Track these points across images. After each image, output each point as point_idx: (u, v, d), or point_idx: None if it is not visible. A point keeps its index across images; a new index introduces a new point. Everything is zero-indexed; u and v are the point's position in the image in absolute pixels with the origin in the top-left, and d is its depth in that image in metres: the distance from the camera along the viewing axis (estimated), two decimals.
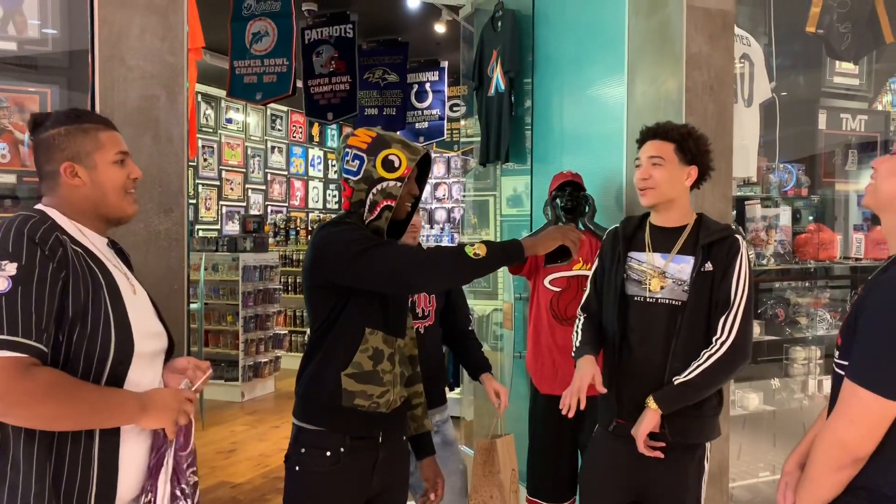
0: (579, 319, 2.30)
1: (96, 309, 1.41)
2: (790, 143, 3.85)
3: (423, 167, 2.00)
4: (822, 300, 3.77)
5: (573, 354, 2.22)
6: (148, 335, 1.54)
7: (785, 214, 3.50)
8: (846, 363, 1.47)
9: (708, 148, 2.18)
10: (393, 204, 1.84)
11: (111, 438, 1.44)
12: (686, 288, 2.07)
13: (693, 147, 2.12)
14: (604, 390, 2.08)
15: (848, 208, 4.00)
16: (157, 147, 2.27)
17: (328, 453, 1.81)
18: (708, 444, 2.14)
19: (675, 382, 2.01)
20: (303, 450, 1.84)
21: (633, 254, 2.20)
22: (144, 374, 1.52)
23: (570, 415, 2.04)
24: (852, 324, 1.47)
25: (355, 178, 1.84)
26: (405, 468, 2.03)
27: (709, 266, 2.06)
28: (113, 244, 1.64)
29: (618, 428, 2.15)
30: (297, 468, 1.84)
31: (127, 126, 2.24)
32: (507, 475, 2.29)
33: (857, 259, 3.64)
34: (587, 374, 2.07)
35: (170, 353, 1.65)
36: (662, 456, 2.01)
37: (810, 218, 3.87)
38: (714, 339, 2.03)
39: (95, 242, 1.53)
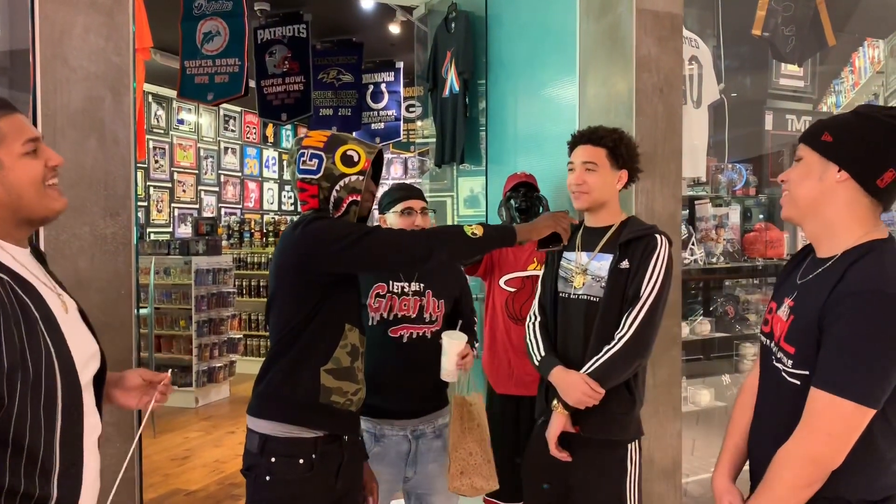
0: (532, 320, 2.32)
1: (35, 351, 1.18)
2: (739, 143, 3.94)
3: (376, 169, 2.02)
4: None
5: (536, 364, 2.23)
6: (85, 362, 1.32)
7: (734, 213, 3.57)
8: (805, 373, 1.44)
9: (637, 153, 2.23)
10: (358, 199, 1.86)
11: None
12: (603, 284, 2.12)
13: (625, 153, 2.17)
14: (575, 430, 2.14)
15: None
16: (103, 150, 2.21)
17: (301, 460, 1.78)
18: (632, 446, 2.15)
19: None
20: (273, 459, 1.78)
21: (566, 254, 2.26)
22: (89, 411, 1.32)
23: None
24: (811, 332, 1.42)
25: (316, 177, 1.84)
26: (361, 469, 2.04)
27: (625, 263, 2.09)
28: (34, 249, 1.38)
29: (546, 422, 2.18)
30: (266, 478, 1.78)
31: (71, 128, 2.18)
32: (486, 431, 2.31)
33: None
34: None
35: (103, 370, 1.42)
36: (570, 459, 2.08)
37: (760, 217, 3.95)
38: (615, 334, 2.06)
39: (18, 257, 1.27)
